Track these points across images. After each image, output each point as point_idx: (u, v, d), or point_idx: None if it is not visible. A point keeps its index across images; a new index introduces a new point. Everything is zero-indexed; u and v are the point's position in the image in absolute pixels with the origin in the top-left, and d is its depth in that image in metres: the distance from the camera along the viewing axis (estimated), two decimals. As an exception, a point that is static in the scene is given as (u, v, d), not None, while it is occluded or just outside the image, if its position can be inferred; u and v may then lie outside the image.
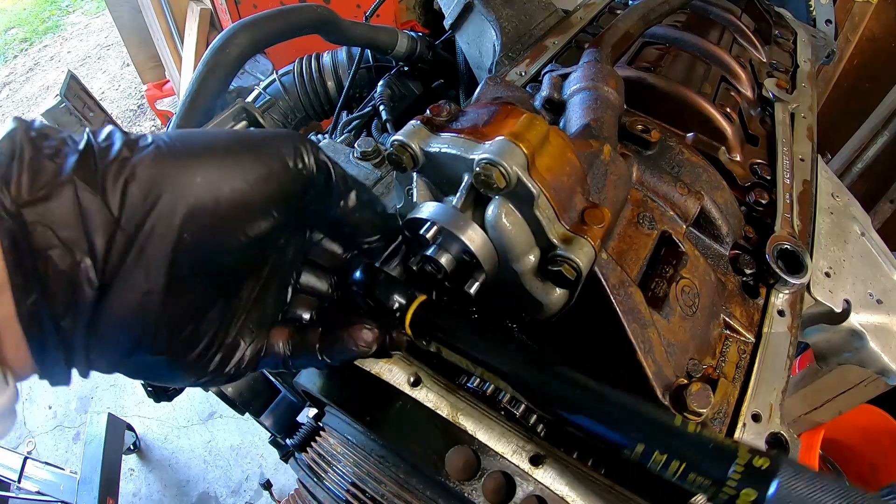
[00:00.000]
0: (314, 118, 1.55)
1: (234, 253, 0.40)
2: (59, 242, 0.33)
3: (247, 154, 0.39)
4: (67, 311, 0.34)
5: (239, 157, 0.39)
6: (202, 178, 0.37)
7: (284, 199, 0.42)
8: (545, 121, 0.49)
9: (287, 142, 0.42)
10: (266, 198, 0.40)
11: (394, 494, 0.57)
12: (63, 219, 0.33)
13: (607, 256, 0.51)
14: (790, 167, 0.83)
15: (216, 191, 0.37)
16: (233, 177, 0.38)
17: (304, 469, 0.65)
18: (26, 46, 5.19)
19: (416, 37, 1.37)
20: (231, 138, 0.40)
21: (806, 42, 1.18)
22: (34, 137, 0.34)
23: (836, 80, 2.46)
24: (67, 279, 0.33)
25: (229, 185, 0.38)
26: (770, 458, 0.37)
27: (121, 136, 0.37)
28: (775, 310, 0.66)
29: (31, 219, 0.32)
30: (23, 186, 0.32)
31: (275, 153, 0.41)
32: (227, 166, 0.38)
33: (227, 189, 0.38)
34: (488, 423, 0.56)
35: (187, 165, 0.37)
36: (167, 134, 0.39)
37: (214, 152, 0.38)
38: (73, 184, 0.33)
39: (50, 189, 0.33)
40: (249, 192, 0.39)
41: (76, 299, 0.34)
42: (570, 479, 0.54)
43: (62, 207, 0.33)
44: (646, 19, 0.85)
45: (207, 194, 0.37)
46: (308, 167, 0.42)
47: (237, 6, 2.63)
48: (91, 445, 2.06)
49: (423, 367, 0.59)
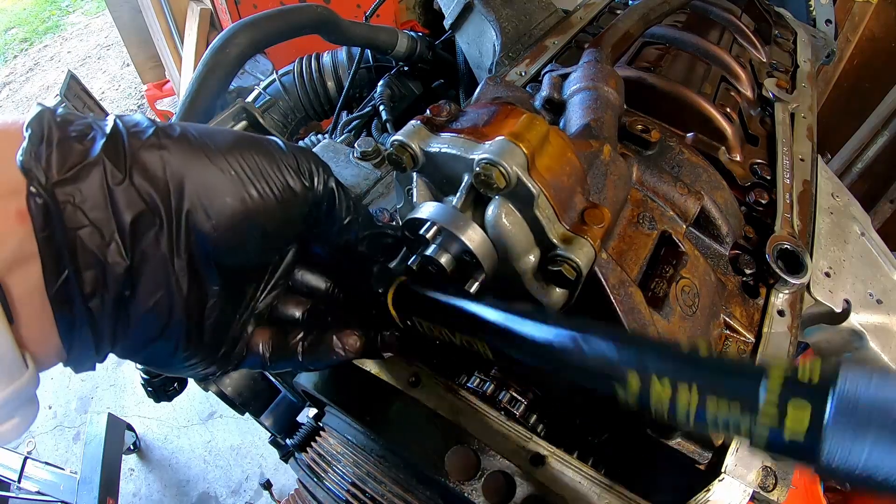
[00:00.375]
0: (314, 118, 1.55)
1: (250, 251, 0.42)
2: (89, 222, 0.33)
3: (269, 161, 0.40)
4: (96, 291, 0.34)
5: (262, 162, 0.40)
6: (226, 178, 0.38)
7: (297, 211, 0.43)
8: (545, 121, 0.49)
9: (307, 159, 0.43)
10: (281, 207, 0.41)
11: (394, 494, 0.57)
12: (92, 199, 0.33)
13: (607, 256, 0.51)
14: (790, 167, 0.83)
15: (238, 192, 0.38)
16: (255, 182, 0.39)
17: (304, 469, 0.66)
18: (26, 46, 5.19)
19: (416, 37, 1.37)
20: (257, 143, 0.41)
21: (806, 42, 1.18)
22: (60, 122, 0.35)
23: (836, 80, 2.46)
24: (96, 259, 0.34)
25: (251, 189, 0.39)
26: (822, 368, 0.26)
27: (150, 123, 0.38)
28: (775, 310, 0.66)
29: (62, 198, 0.32)
30: (52, 166, 0.32)
31: (295, 167, 0.42)
32: (251, 169, 0.39)
33: (251, 192, 0.39)
34: (488, 423, 0.56)
35: (216, 161, 0.38)
36: (195, 127, 0.39)
37: (242, 153, 0.39)
38: (102, 165, 0.34)
39: (79, 170, 0.33)
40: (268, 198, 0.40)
41: (105, 279, 0.34)
42: (569, 479, 0.54)
43: (91, 188, 0.33)
44: (646, 19, 0.85)
45: (234, 191, 0.38)
46: (318, 187, 0.43)
47: (237, 6, 2.63)
48: (91, 445, 2.06)
49: (423, 367, 0.59)
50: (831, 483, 1.92)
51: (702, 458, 0.55)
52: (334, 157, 0.87)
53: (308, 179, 0.42)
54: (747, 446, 0.27)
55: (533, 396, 0.60)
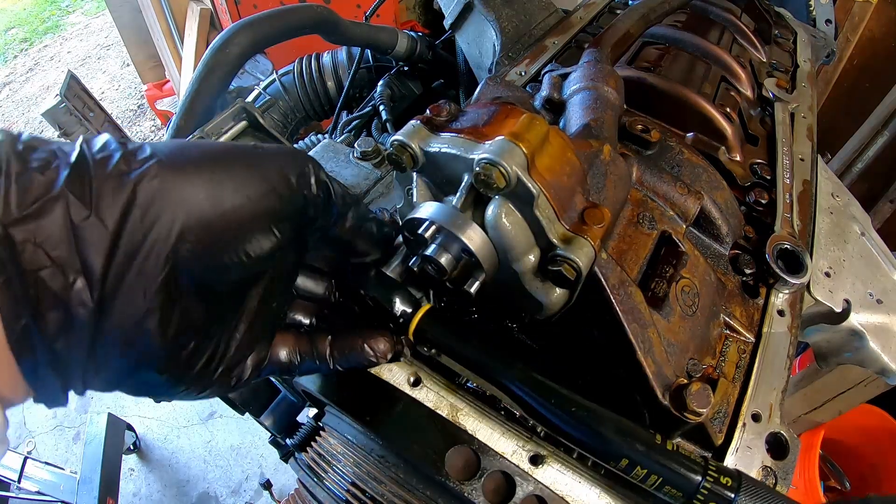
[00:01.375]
0: (314, 118, 1.55)
1: (235, 269, 0.39)
2: (51, 262, 0.31)
3: (248, 172, 0.38)
4: (60, 334, 0.33)
5: (240, 174, 0.38)
6: (204, 195, 0.36)
7: (285, 218, 0.41)
8: (545, 121, 0.49)
9: (288, 160, 0.41)
10: (267, 216, 0.39)
11: (394, 494, 0.57)
12: (54, 237, 0.31)
13: (607, 256, 0.51)
14: (790, 167, 0.83)
15: (217, 208, 0.36)
16: (234, 195, 0.37)
17: (304, 469, 0.65)
18: (26, 46, 5.19)
19: (416, 37, 1.37)
20: (232, 154, 0.39)
21: (806, 42, 1.18)
22: (21, 151, 0.32)
23: (836, 80, 2.46)
24: (60, 301, 0.32)
25: (230, 202, 0.37)
26: (733, 477, 0.43)
27: (117, 146, 0.35)
28: (775, 310, 0.66)
29: (21, 237, 0.30)
30: (11, 203, 0.30)
31: (276, 171, 0.40)
32: (228, 183, 0.37)
33: (229, 207, 0.37)
34: (488, 423, 0.56)
35: (188, 181, 0.35)
36: (165, 145, 0.37)
37: (215, 168, 0.37)
38: (66, 199, 0.31)
39: (40, 206, 0.31)
40: (251, 211, 0.38)
41: (70, 321, 0.32)
42: (570, 479, 0.54)
43: (53, 225, 0.31)
44: (646, 19, 0.85)
45: (209, 212, 0.36)
46: (309, 187, 0.42)
47: (237, 6, 2.63)
48: (91, 445, 2.06)
49: (423, 367, 0.59)
50: (831, 483, 1.92)
51: (702, 458, 0.55)
52: (334, 157, 0.87)
53: (296, 179, 0.40)
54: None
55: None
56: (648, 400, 0.51)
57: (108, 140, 0.36)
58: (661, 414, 0.51)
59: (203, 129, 0.73)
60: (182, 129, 0.92)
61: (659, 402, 0.51)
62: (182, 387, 0.42)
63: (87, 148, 0.34)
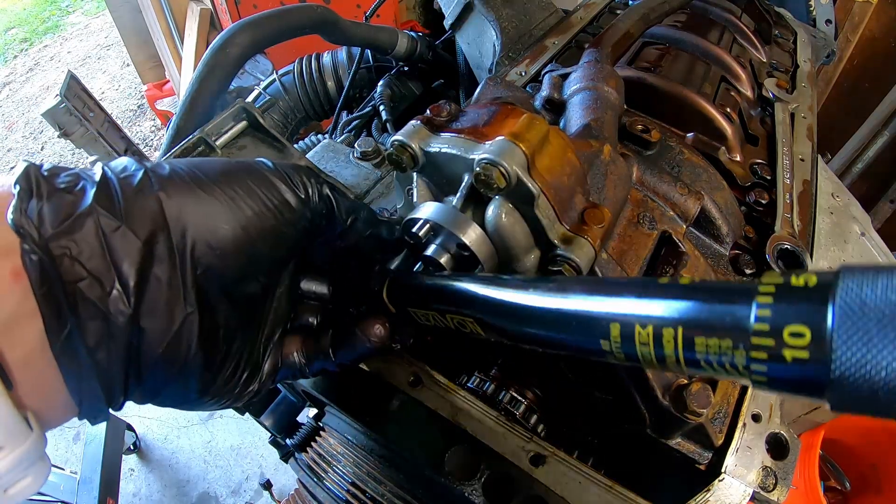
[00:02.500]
0: (314, 118, 1.55)
1: (258, 272, 0.42)
2: (87, 273, 0.32)
3: (262, 182, 0.41)
4: (102, 342, 0.34)
5: (254, 190, 0.40)
6: (226, 203, 0.38)
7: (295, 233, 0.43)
8: (545, 121, 0.49)
9: (297, 173, 0.43)
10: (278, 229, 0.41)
11: (394, 494, 0.57)
12: (89, 249, 0.33)
13: (607, 256, 0.51)
14: (790, 167, 0.83)
15: (238, 221, 0.39)
16: (249, 210, 0.39)
17: (304, 469, 0.66)
18: (26, 46, 5.19)
19: (416, 37, 1.37)
20: (247, 171, 0.41)
21: (806, 42, 1.18)
22: (47, 175, 0.34)
23: (836, 80, 2.46)
24: (99, 310, 0.33)
25: (247, 216, 0.39)
26: (818, 274, 0.22)
27: (138, 166, 0.37)
28: (775, 310, 0.66)
29: (58, 252, 0.32)
30: (46, 220, 0.32)
31: (287, 182, 0.42)
32: (248, 198, 0.40)
33: (246, 221, 0.39)
34: (488, 423, 0.56)
35: (210, 191, 0.38)
36: (182, 163, 0.39)
37: (235, 180, 0.40)
38: (96, 213, 0.33)
39: (73, 221, 0.32)
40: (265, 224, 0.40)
41: (110, 329, 0.34)
42: (570, 479, 0.54)
43: (87, 238, 0.33)
44: (646, 19, 0.85)
45: (232, 218, 0.38)
46: (313, 200, 0.44)
47: (237, 6, 2.63)
48: (91, 445, 2.06)
49: (423, 366, 0.59)
50: (831, 483, 1.92)
51: (702, 458, 0.55)
52: (334, 157, 0.87)
53: (302, 192, 0.43)
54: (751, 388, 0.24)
55: (533, 396, 0.60)
56: (648, 400, 0.51)
57: (128, 162, 0.38)
58: (661, 414, 0.51)
59: (203, 129, 0.73)
60: (182, 129, 0.92)
61: (659, 403, 0.51)
62: (209, 396, 0.43)
63: (109, 169, 0.36)
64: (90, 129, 1.53)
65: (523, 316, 0.35)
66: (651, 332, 0.26)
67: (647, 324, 0.27)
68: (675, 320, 0.25)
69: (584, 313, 0.30)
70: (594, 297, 0.30)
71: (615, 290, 0.30)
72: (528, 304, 0.34)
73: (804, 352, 0.21)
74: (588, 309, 0.30)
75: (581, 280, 0.35)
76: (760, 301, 0.22)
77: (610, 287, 0.30)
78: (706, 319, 0.24)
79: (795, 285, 0.22)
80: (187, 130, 0.91)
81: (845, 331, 0.20)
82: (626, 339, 0.28)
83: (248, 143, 0.81)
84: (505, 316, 0.37)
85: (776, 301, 0.22)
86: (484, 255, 0.48)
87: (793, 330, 0.21)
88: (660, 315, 0.26)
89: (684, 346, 0.25)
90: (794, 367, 0.21)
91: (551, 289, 0.33)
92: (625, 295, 0.29)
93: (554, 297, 0.33)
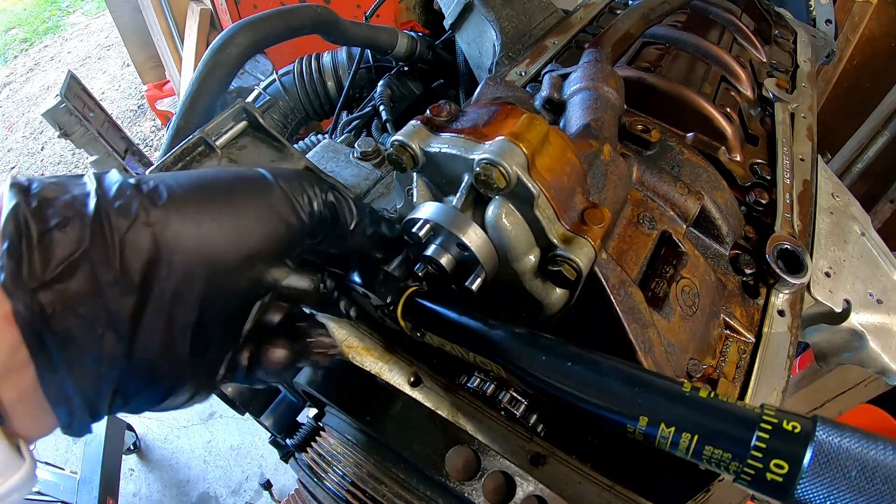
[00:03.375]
0: (314, 118, 1.55)
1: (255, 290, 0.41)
2: (80, 319, 0.32)
3: (259, 205, 0.40)
4: (93, 381, 0.34)
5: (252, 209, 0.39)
6: (222, 236, 0.37)
7: (296, 243, 0.43)
8: (545, 121, 0.49)
9: (299, 184, 0.42)
10: (279, 246, 0.41)
11: (394, 494, 0.57)
12: (82, 295, 0.32)
13: (607, 256, 0.51)
14: (790, 167, 0.82)
15: (236, 247, 0.38)
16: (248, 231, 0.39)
17: (304, 469, 0.65)
18: (26, 47, 5.19)
19: (416, 37, 1.37)
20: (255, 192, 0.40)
21: (806, 42, 1.18)
22: (36, 209, 0.32)
23: (836, 80, 2.46)
24: (91, 354, 0.33)
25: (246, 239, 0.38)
26: (803, 422, 0.30)
27: (133, 192, 0.35)
28: (775, 310, 0.66)
29: (49, 299, 0.31)
30: (36, 266, 0.31)
31: (284, 201, 0.41)
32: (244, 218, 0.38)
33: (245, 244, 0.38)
34: (488, 423, 0.56)
35: (209, 218, 0.37)
36: (179, 183, 0.37)
37: (235, 206, 0.38)
38: (90, 260, 0.32)
39: (65, 268, 0.31)
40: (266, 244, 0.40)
41: (100, 370, 0.34)
42: (570, 479, 0.54)
43: (79, 285, 0.32)
44: (646, 19, 0.85)
45: (231, 246, 0.37)
46: (316, 211, 0.43)
47: (237, 6, 2.63)
48: (91, 445, 2.06)
49: (423, 367, 0.59)
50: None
51: (702, 458, 0.55)
52: (334, 157, 0.87)
53: (307, 206, 0.42)
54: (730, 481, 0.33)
55: (533, 397, 0.60)
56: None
57: (122, 184, 0.36)
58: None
59: (203, 129, 0.73)
60: (182, 129, 0.92)
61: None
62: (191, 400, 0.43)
63: (102, 195, 0.34)
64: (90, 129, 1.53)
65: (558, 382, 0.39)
66: (673, 431, 0.34)
67: (672, 425, 0.34)
68: (694, 429, 0.33)
69: (619, 397, 0.36)
70: (631, 387, 0.36)
71: (651, 389, 0.35)
72: (565, 374, 0.39)
73: (780, 478, 0.30)
74: (624, 396, 0.36)
75: (620, 369, 0.38)
76: (760, 435, 0.30)
77: (647, 384, 0.36)
78: (718, 436, 0.32)
79: (786, 429, 0.30)
80: (187, 130, 0.91)
81: (813, 472, 0.28)
82: (651, 428, 0.34)
83: (248, 143, 0.81)
84: (538, 377, 0.40)
85: (771, 437, 0.30)
86: (484, 254, 0.48)
87: (777, 462, 0.30)
88: (683, 422, 0.33)
89: (695, 448, 0.33)
90: (770, 484, 0.30)
91: (592, 367, 0.38)
92: (658, 395, 0.35)
93: (594, 375, 0.38)
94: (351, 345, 0.59)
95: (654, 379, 0.36)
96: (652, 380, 0.36)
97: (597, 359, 0.39)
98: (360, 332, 0.61)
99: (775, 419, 0.31)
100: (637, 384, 0.36)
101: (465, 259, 0.49)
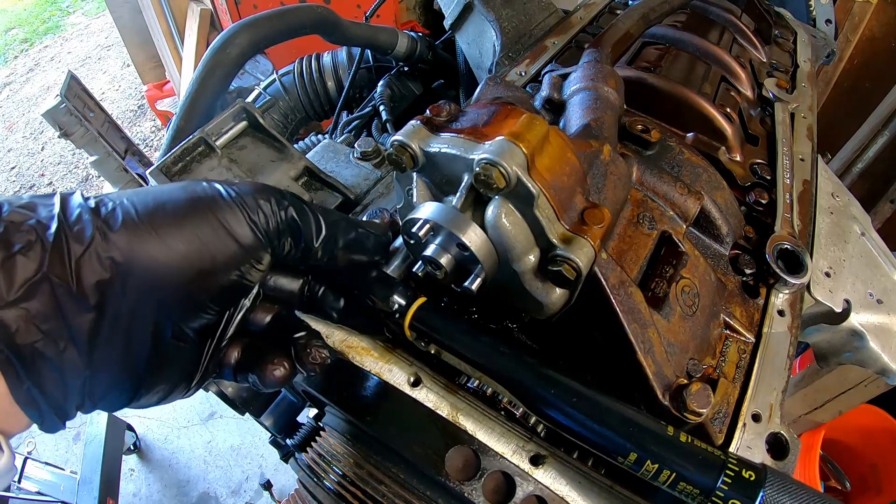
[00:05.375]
0: (314, 118, 1.56)
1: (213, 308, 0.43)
2: (42, 334, 0.35)
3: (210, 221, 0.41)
4: (59, 388, 0.37)
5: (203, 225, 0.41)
6: (176, 256, 0.39)
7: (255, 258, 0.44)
8: (545, 121, 0.49)
9: (254, 202, 0.43)
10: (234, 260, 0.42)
11: (394, 494, 0.57)
12: (43, 312, 0.35)
13: (607, 256, 0.51)
14: (790, 167, 0.83)
15: (195, 265, 0.40)
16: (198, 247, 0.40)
17: (304, 469, 0.65)
18: (26, 47, 5.19)
19: (416, 37, 1.37)
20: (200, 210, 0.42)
21: (806, 42, 1.18)
22: (3, 234, 0.35)
23: (836, 80, 2.46)
24: (55, 365, 0.36)
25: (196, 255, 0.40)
26: (757, 471, 0.40)
27: (90, 216, 0.38)
28: (775, 310, 0.66)
29: (12, 316, 0.34)
30: (1, 289, 0.34)
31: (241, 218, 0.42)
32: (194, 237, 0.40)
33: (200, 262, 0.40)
34: (488, 423, 0.56)
35: (161, 241, 0.39)
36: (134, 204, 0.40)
37: (186, 226, 0.40)
38: (49, 281, 0.35)
39: (27, 289, 0.35)
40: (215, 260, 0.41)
41: (65, 379, 0.37)
42: (570, 479, 0.54)
43: (41, 302, 0.35)
44: (646, 19, 0.85)
45: (186, 270, 0.40)
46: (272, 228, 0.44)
47: (237, 6, 2.63)
48: (91, 445, 2.06)
49: (423, 367, 0.59)
50: (831, 483, 1.92)
51: (702, 458, 0.55)
52: (334, 157, 0.87)
53: (260, 223, 0.43)
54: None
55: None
56: (648, 400, 0.51)
57: (81, 207, 0.38)
58: (661, 414, 0.51)
59: (203, 130, 0.73)
60: (182, 129, 0.92)
61: (659, 402, 0.51)
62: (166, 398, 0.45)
63: (64, 220, 0.37)
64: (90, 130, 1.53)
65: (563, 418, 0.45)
66: (656, 468, 0.41)
67: (656, 463, 0.41)
68: (673, 468, 0.41)
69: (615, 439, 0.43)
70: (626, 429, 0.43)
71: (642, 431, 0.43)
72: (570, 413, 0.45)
73: None
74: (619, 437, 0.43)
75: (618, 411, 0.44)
76: (724, 479, 0.40)
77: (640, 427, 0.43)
78: (691, 475, 0.41)
79: (744, 476, 0.40)
80: (188, 130, 0.91)
81: None
82: (637, 464, 0.42)
83: (249, 143, 0.81)
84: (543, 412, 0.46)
85: (732, 482, 0.40)
86: (483, 254, 0.48)
87: (734, 502, 0.40)
88: (666, 461, 0.41)
89: (672, 482, 0.41)
90: None
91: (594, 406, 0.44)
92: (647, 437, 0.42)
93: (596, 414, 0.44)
94: (351, 345, 0.59)
95: (647, 422, 0.43)
96: (645, 423, 0.43)
97: (598, 399, 0.44)
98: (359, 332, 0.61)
99: (737, 468, 0.40)
100: (631, 426, 0.43)
101: (465, 259, 0.49)
